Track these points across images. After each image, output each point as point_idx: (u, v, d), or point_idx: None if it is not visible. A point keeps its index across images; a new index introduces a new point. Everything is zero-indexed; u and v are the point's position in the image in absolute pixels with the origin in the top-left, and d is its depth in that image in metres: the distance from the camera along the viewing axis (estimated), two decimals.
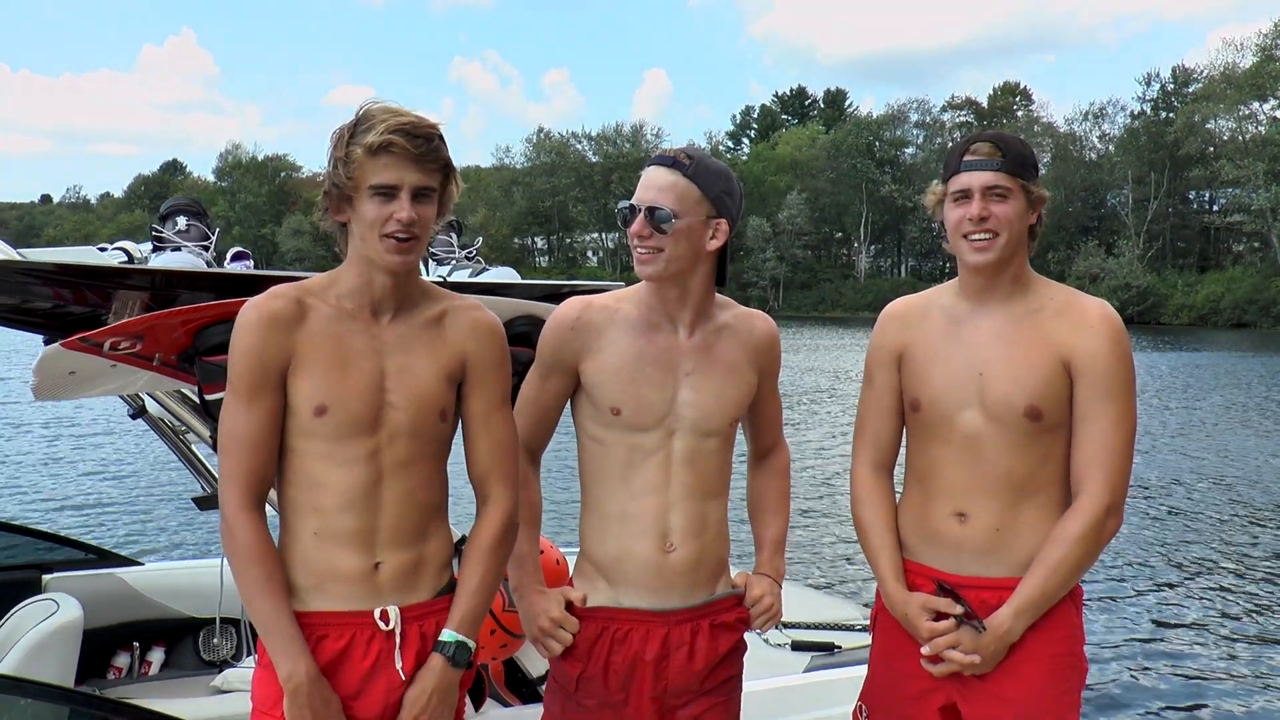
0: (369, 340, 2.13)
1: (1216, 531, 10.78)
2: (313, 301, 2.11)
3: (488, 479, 2.23)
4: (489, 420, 2.22)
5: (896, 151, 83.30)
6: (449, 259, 3.10)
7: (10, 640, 3.25)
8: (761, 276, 78.14)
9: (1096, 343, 2.26)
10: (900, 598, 2.39)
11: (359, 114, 2.05)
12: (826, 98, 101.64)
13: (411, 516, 2.14)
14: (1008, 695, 2.29)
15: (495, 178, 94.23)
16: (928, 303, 2.49)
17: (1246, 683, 6.64)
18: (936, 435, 2.37)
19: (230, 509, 2.06)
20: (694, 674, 2.33)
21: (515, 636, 2.95)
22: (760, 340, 2.41)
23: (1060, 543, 2.25)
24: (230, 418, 2.08)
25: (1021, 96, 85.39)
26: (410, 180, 2.04)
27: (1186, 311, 60.86)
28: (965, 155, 2.30)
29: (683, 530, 2.30)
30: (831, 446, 15.93)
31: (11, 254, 2.43)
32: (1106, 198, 73.46)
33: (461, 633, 2.15)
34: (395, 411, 2.11)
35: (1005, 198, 2.26)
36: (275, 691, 2.07)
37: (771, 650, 3.68)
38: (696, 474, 2.32)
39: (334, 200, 2.08)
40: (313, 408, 2.07)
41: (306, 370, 2.07)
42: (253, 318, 2.07)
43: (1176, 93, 72.35)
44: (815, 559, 9.40)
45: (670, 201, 2.22)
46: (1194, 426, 18.60)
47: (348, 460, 2.08)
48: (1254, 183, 60.44)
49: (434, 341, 2.18)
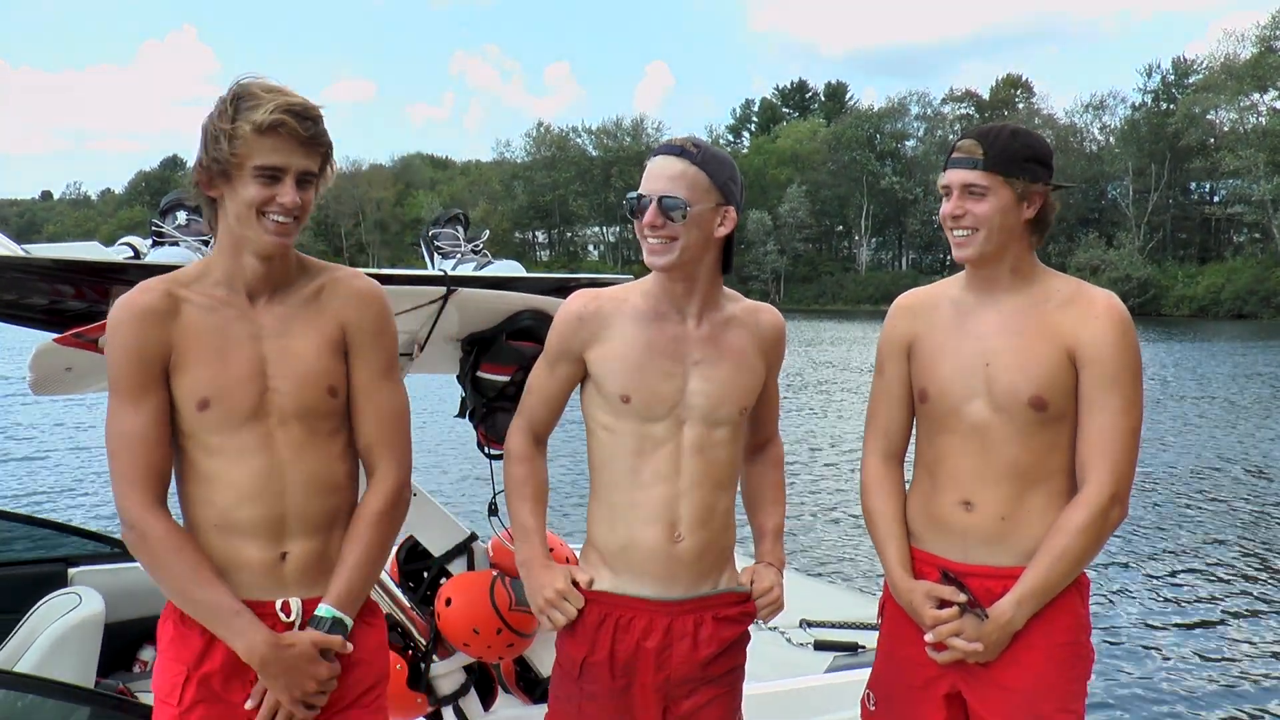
0: (246, 326, 2.07)
1: (1230, 521, 10.77)
2: (184, 293, 2.06)
3: (372, 452, 2.17)
4: (372, 390, 2.15)
5: (897, 144, 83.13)
6: (454, 252, 3.09)
7: (34, 634, 3.27)
8: (762, 270, 78.01)
9: (1101, 332, 2.27)
10: (905, 585, 2.41)
11: (240, 89, 1.98)
12: (827, 90, 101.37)
13: (317, 502, 2.10)
14: (1011, 684, 2.31)
15: (496, 172, 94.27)
16: (937, 294, 2.51)
17: (1255, 674, 6.64)
18: (944, 425, 2.39)
19: (135, 513, 2.00)
20: (696, 665, 2.34)
21: (522, 636, 2.94)
22: (767, 333, 2.44)
23: (1064, 532, 2.26)
24: (117, 420, 2.02)
25: (1023, 89, 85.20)
26: (296, 165, 1.99)
27: (1187, 303, 60.76)
28: (952, 153, 2.33)
29: (691, 520, 2.31)
30: (844, 437, 15.92)
31: (15, 249, 2.42)
32: (1107, 189, 73.30)
33: (339, 608, 2.09)
34: (281, 396, 2.06)
35: (983, 196, 2.28)
36: (173, 679, 2.05)
37: (794, 650, 3.66)
38: (706, 464, 2.33)
39: (208, 174, 2.00)
40: (196, 402, 2.02)
41: (185, 365, 2.02)
42: (124, 315, 2.01)
43: (1177, 84, 72.19)
44: (829, 553, 9.40)
45: (682, 190, 2.23)
46: (1200, 418, 18.58)
47: (240, 451, 2.04)
48: (1255, 174, 60.28)
49: (314, 316, 2.12)
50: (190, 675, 2.06)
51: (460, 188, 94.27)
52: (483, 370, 2.99)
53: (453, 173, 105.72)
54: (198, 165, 2.01)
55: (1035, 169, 2.29)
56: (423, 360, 3.02)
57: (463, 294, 2.78)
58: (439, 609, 2.91)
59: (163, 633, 2.12)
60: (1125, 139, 71.93)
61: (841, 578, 8.44)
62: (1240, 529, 10.43)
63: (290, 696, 2.04)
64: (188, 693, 2.05)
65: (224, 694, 2.07)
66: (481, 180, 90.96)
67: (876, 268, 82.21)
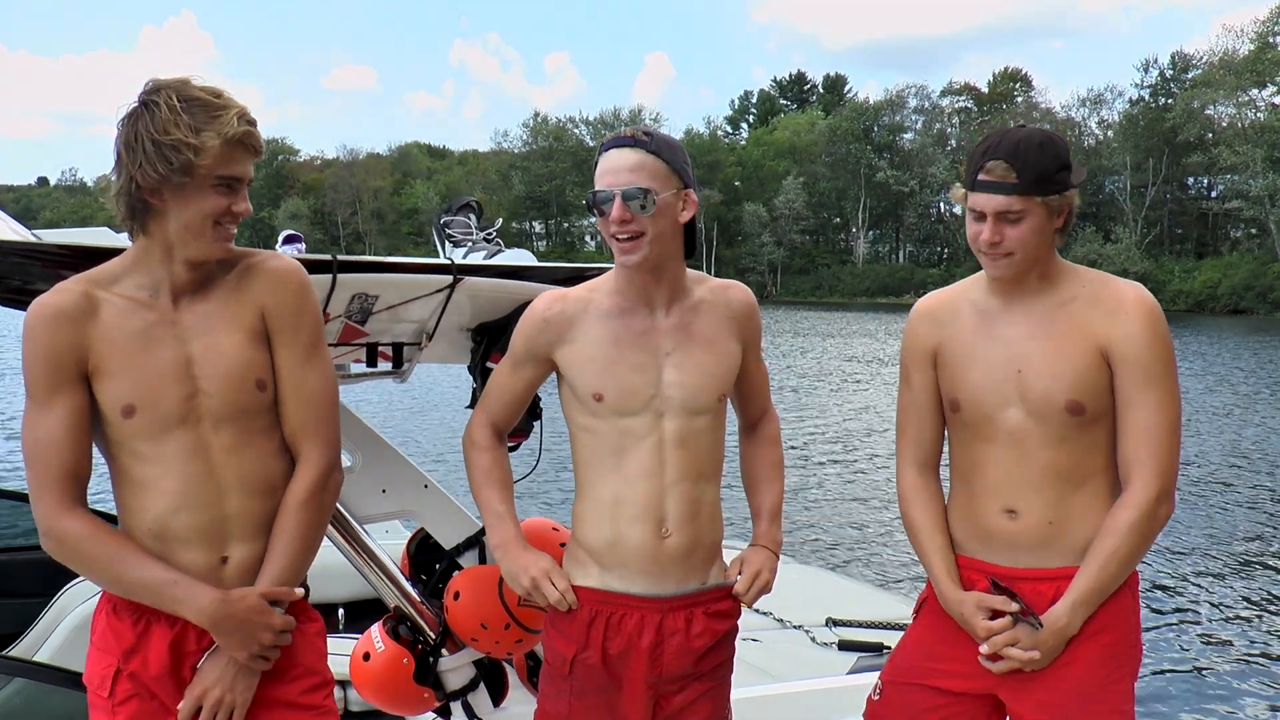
0: (168, 329, 2.02)
1: None
2: (103, 294, 2.00)
3: (296, 437, 2.11)
4: (296, 374, 2.10)
5: (894, 137, 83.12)
6: (466, 240, 3.04)
7: (57, 620, 3.28)
8: (759, 262, 78.07)
9: (1133, 329, 2.22)
10: (955, 597, 2.37)
11: (184, 92, 1.92)
12: (826, 83, 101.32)
13: (255, 504, 2.06)
14: (1058, 684, 2.28)
15: (493, 162, 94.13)
16: (957, 298, 2.45)
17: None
18: (979, 434, 2.35)
19: (50, 520, 1.95)
20: (689, 661, 2.33)
21: (531, 631, 2.90)
22: (738, 310, 2.40)
23: (1113, 534, 2.23)
24: (30, 426, 1.97)
25: (1021, 82, 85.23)
26: (249, 173, 1.99)
27: (1183, 298, 60.82)
28: (980, 173, 2.21)
29: (678, 515, 2.29)
30: (863, 430, 15.91)
31: (26, 234, 2.37)
32: (1105, 184, 73.35)
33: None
34: (208, 398, 2.01)
35: (1019, 220, 2.20)
36: (103, 670, 2.03)
37: (818, 649, 3.61)
38: (690, 455, 2.30)
39: (156, 183, 1.91)
40: (120, 409, 1.97)
41: (107, 370, 1.97)
42: (37, 318, 1.96)
43: (1175, 79, 72.19)
44: (857, 551, 9.37)
45: (644, 180, 2.19)
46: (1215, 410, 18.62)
47: (172, 458, 1.99)
48: (1252, 169, 60.37)
49: (234, 308, 2.06)
50: (121, 669, 2.03)
51: (457, 177, 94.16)
52: (493, 361, 2.94)
53: (450, 162, 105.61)
54: (141, 174, 1.91)
55: (1065, 177, 2.22)
56: (432, 350, 2.98)
57: (472, 283, 2.74)
58: (447, 603, 2.87)
59: (95, 625, 2.09)
60: (1123, 134, 71.93)
61: (870, 575, 8.39)
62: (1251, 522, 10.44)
63: (248, 652, 2.02)
64: (120, 686, 2.03)
65: (158, 693, 2.04)
66: (478, 170, 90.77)
67: (874, 260, 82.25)
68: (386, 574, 2.83)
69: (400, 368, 3.03)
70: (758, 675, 3.48)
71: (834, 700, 3.22)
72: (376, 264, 2.61)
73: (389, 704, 2.89)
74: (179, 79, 1.96)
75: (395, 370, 3.04)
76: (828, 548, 9.36)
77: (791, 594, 4.33)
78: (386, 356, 3.03)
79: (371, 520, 2.90)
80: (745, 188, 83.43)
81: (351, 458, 2.84)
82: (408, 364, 3.02)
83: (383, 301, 2.68)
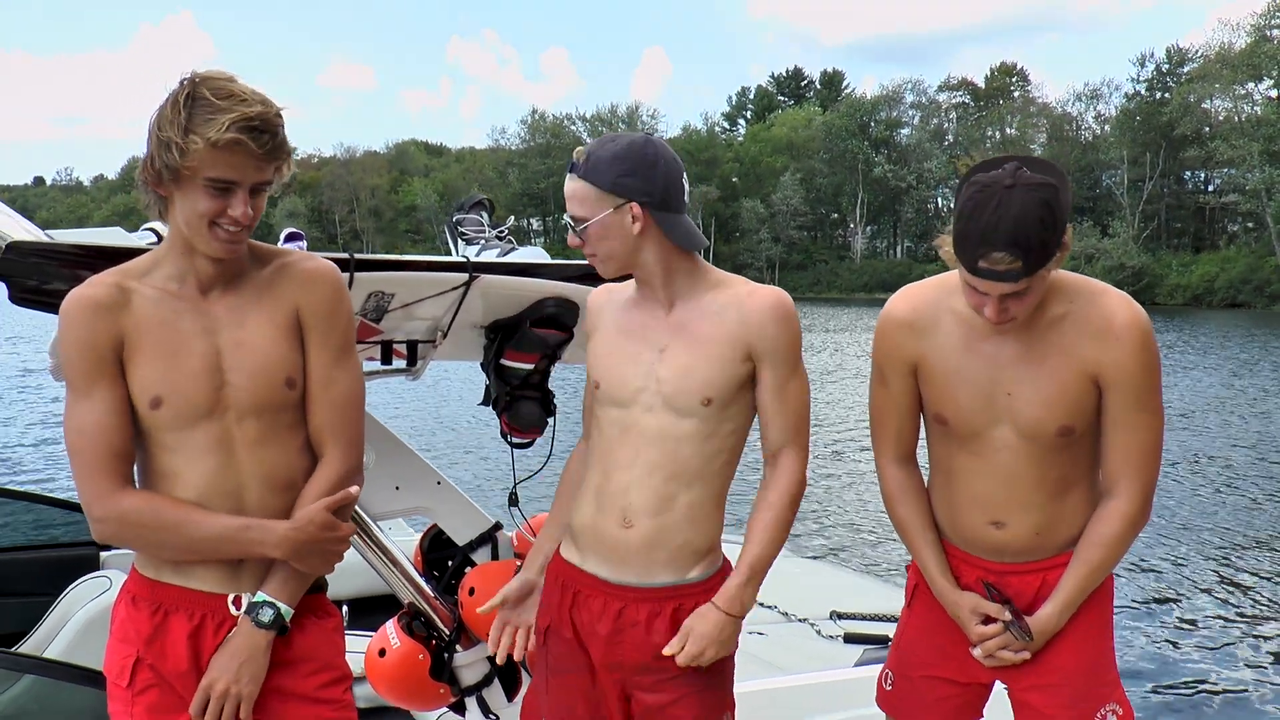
0: (199, 320, 2.01)
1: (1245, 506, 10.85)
2: (135, 285, 2.00)
3: (321, 436, 2.11)
4: (326, 374, 2.09)
5: (891, 132, 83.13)
6: (478, 238, 3.05)
7: (65, 617, 3.28)
8: (757, 258, 78.04)
9: (1122, 356, 2.19)
10: (952, 598, 2.39)
11: (193, 91, 1.87)
12: (823, 79, 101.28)
13: (276, 500, 2.05)
14: (1056, 664, 2.34)
15: (490, 159, 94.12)
16: (937, 305, 2.34)
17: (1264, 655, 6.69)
18: (965, 446, 2.34)
19: (106, 502, 1.96)
20: (650, 654, 2.26)
21: None
22: (752, 317, 2.23)
23: (1101, 545, 2.28)
24: (72, 416, 1.97)
25: (1018, 77, 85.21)
26: (251, 178, 1.91)
27: (1181, 292, 60.86)
28: (981, 261, 2.03)
29: (642, 508, 2.25)
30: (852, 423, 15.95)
31: (39, 234, 2.38)
32: (1101, 178, 73.43)
33: (275, 597, 2.04)
34: (237, 391, 2.01)
35: (1025, 294, 2.10)
36: (122, 660, 2.03)
37: (823, 642, 3.61)
38: (665, 453, 2.25)
39: (157, 176, 1.91)
40: (148, 400, 1.97)
41: (137, 361, 1.97)
42: (74, 309, 1.97)
43: (1172, 73, 72.18)
44: (859, 545, 9.42)
45: (577, 209, 2.24)
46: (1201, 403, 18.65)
47: (197, 449, 1.99)
48: (1249, 163, 60.37)
49: (267, 304, 2.06)
50: (141, 658, 2.04)
51: (455, 175, 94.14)
52: (506, 358, 2.96)
53: (447, 160, 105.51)
54: (147, 164, 1.93)
55: (1064, 236, 2.08)
56: (446, 347, 2.99)
57: (486, 281, 2.75)
58: (462, 598, 2.89)
59: (115, 616, 2.10)
60: (1120, 128, 71.95)
61: (872, 568, 8.42)
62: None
63: (328, 566, 2.08)
64: (140, 675, 2.03)
65: (176, 685, 2.04)
66: (476, 167, 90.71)
67: (871, 256, 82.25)
68: (402, 570, 2.84)
69: (414, 365, 3.05)
70: (764, 668, 3.49)
71: (842, 692, 3.23)
72: (393, 262, 2.62)
73: (405, 699, 2.91)
74: (214, 73, 1.92)
75: (409, 368, 3.06)
76: (829, 541, 9.39)
77: (795, 587, 4.35)
78: (400, 354, 3.05)
79: (386, 516, 2.91)
80: (743, 184, 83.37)
81: (365, 455, 2.85)
82: (421, 361, 3.03)
83: (398, 299, 2.69)
